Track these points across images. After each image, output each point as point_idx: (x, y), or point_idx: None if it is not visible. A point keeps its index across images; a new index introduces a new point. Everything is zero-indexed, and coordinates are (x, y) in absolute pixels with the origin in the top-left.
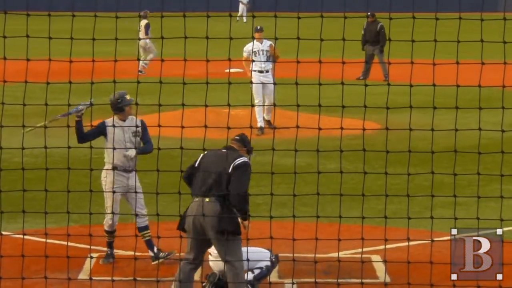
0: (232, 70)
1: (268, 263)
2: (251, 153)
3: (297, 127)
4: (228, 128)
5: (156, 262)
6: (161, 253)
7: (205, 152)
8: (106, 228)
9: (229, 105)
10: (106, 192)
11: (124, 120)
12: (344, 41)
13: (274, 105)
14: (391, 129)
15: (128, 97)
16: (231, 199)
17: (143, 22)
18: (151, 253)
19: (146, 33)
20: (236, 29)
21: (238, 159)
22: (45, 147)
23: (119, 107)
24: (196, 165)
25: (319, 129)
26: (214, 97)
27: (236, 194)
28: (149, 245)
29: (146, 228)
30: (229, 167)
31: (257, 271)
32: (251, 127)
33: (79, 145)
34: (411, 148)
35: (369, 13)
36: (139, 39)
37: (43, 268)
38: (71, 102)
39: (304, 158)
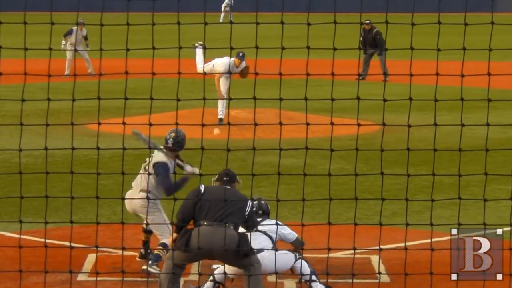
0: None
1: (308, 265)
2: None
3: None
4: (229, 124)
5: (145, 268)
6: (154, 267)
7: (203, 186)
8: (169, 244)
9: (230, 98)
10: (154, 210)
11: (174, 159)
12: (361, 49)
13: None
14: (388, 125)
15: None
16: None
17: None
18: (149, 261)
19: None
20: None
21: (248, 202)
22: (46, 149)
23: (183, 145)
24: (200, 196)
25: (308, 124)
26: (213, 98)
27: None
28: (155, 256)
29: (163, 245)
30: (245, 211)
31: (314, 278)
32: (255, 124)
33: (80, 145)
34: (411, 150)
35: (366, 21)
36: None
37: (43, 269)
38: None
39: (303, 159)
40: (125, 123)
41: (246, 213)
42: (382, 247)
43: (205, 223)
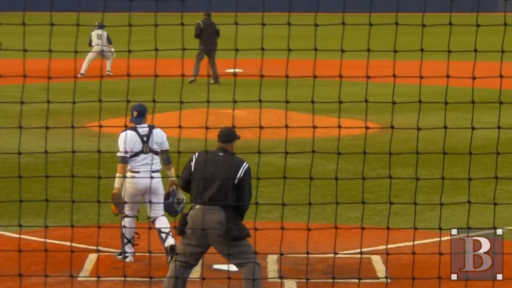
0: (236, 71)
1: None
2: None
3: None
4: (234, 127)
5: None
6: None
7: (196, 154)
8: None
9: (234, 101)
10: None
11: None
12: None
13: None
14: (396, 128)
15: None
16: (243, 208)
17: (104, 32)
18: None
19: (110, 42)
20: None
21: (242, 166)
22: (46, 152)
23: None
24: (192, 169)
25: (314, 127)
26: (214, 98)
27: (248, 204)
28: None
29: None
30: (235, 176)
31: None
32: (261, 127)
33: (80, 145)
34: (412, 149)
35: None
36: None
37: (43, 269)
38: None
39: (303, 159)
40: (126, 125)
41: (237, 178)
42: (382, 247)
43: (198, 207)
